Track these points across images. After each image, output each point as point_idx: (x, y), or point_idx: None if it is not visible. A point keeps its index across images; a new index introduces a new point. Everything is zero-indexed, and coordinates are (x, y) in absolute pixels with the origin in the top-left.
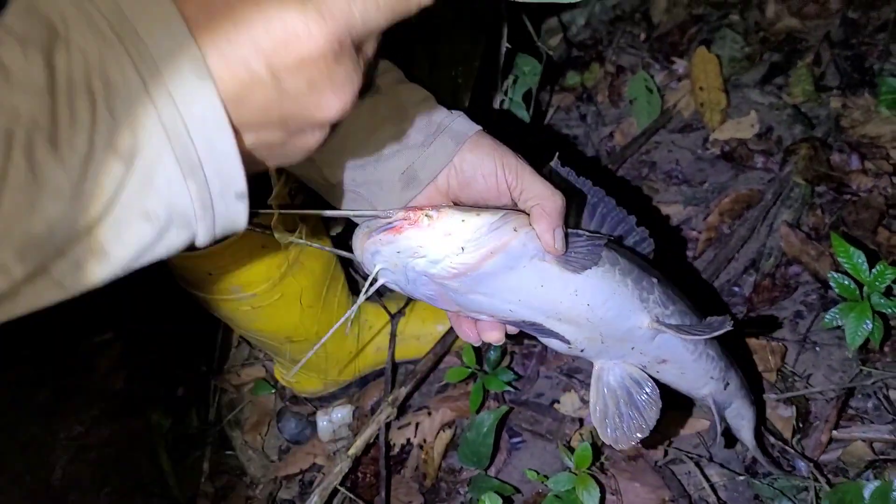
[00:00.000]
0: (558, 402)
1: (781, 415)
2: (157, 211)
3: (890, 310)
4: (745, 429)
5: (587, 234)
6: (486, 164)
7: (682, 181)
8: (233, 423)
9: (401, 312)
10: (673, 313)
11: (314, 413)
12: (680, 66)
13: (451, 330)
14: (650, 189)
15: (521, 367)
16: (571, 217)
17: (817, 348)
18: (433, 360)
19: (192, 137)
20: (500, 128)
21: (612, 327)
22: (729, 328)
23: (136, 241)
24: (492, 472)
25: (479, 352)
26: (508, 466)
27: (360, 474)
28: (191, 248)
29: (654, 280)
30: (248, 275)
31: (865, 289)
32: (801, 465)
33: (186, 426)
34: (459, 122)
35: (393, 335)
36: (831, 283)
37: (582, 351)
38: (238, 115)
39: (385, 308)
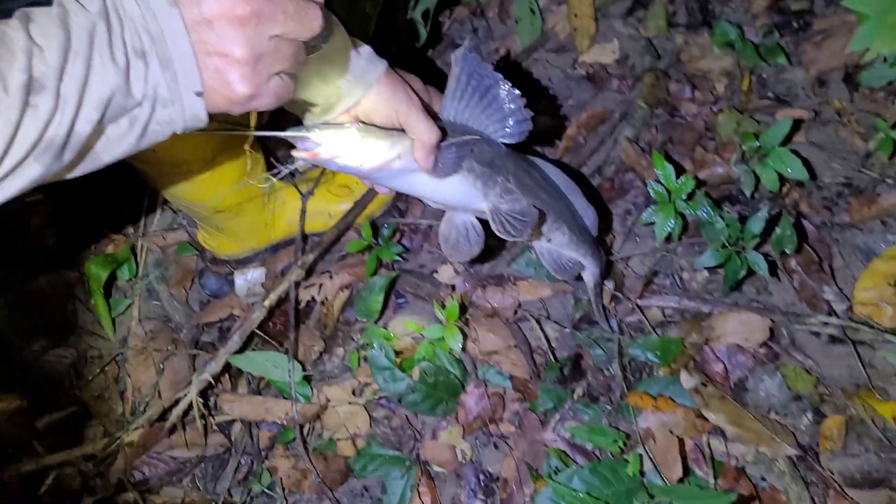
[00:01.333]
0: (437, 271)
1: (605, 286)
2: (148, 94)
3: (689, 211)
4: (586, 273)
5: (456, 147)
6: (381, 109)
7: (552, 95)
8: (159, 279)
9: (310, 192)
10: (507, 200)
11: (232, 273)
12: None
13: (353, 208)
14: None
15: (409, 241)
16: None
17: (637, 238)
18: (336, 233)
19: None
20: (405, 41)
21: (460, 206)
22: (534, 219)
23: (143, 120)
24: (380, 324)
25: (375, 227)
26: (393, 321)
27: (272, 323)
28: None
29: (499, 179)
30: (185, 153)
31: (673, 195)
32: (613, 322)
33: (119, 278)
34: (377, 60)
35: (303, 211)
36: (649, 189)
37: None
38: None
39: (297, 188)
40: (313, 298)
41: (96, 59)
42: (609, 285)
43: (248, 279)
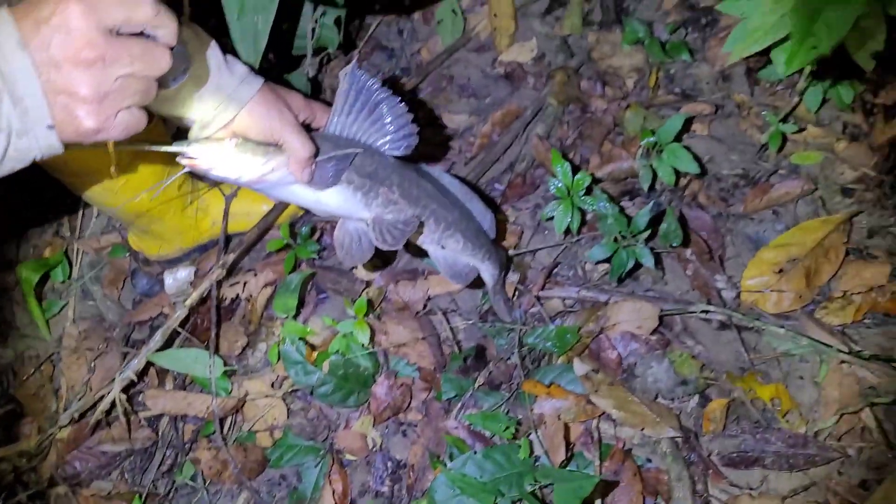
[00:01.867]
0: (356, 267)
1: (510, 279)
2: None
3: (587, 206)
4: (484, 273)
5: (335, 161)
6: (256, 125)
7: (470, 94)
8: (93, 280)
9: (234, 194)
10: (390, 211)
11: (162, 273)
12: None
13: (273, 209)
14: (446, 100)
15: (330, 238)
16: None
17: (546, 232)
18: (257, 233)
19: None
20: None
21: (347, 216)
22: (413, 228)
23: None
24: (300, 319)
25: (293, 227)
26: (313, 316)
27: (198, 321)
28: None
29: (381, 189)
30: (94, 162)
31: (571, 190)
32: (517, 313)
33: (52, 280)
34: (252, 78)
35: (226, 213)
36: (550, 186)
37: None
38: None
39: (220, 190)
40: (238, 296)
41: None
42: (514, 277)
43: (176, 278)
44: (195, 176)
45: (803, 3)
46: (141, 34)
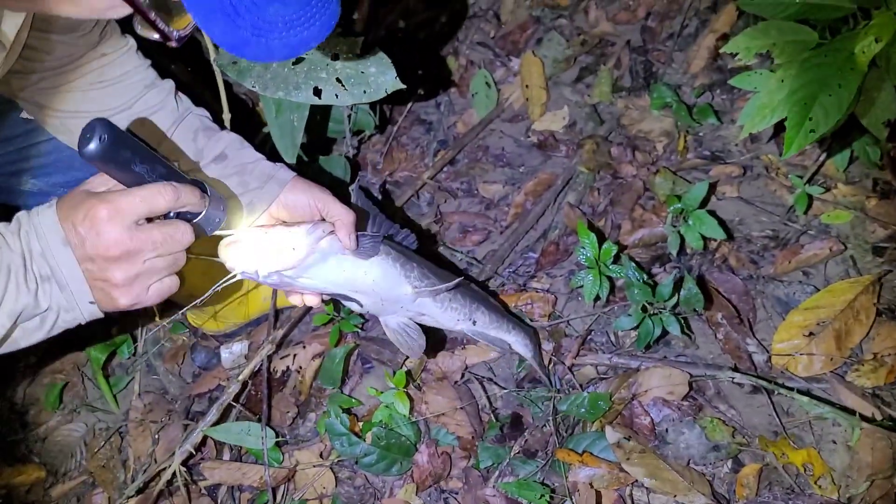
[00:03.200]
0: None
1: (545, 348)
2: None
3: (615, 274)
4: (516, 345)
5: (370, 235)
6: (300, 199)
7: (505, 164)
8: (156, 355)
9: None
10: (427, 284)
11: (219, 347)
12: (515, 63)
13: None
14: (481, 170)
15: None
16: (367, 224)
17: (579, 298)
18: (304, 308)
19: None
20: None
21: (388, 293)
22: (452, 285)
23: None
24: (346, 390)
25: (337, 302)
26: (360, 386)
27: (252, 392)
28: None
29: (415, 264)
30: None
31: (599, 260)
32: (555, 380)
33: (119, 357)
34: (282, 172)
35: (275, 289)
36: (578, 256)
37: (369, 312)
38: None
39: None
40: (288, 368)
41: (11, 285)
42: (549, 346)
43: (232, 352)
44: None
45: (799, 88)
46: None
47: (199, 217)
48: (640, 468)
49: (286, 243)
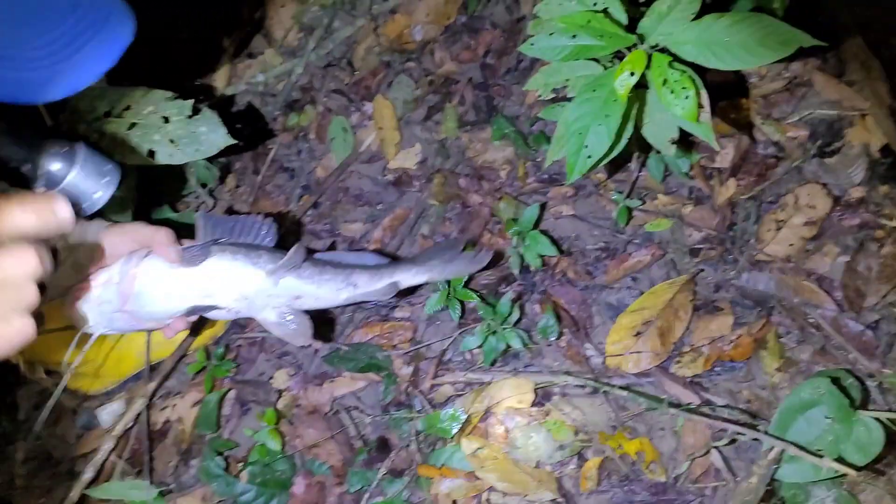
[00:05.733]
0: (273, 377)
1: (403, 371)
2: None
3: (464, 298)
4: (407, 280)
5: (196, 244)
6: (117, 242)
7: (364, 203)
8: (38, 421)
9: None
10: (281, 265)
11: (99, 406)
12: (369, 107)
13: (188, 335)
14: (343, 210)
15: (248, 352)
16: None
17: (438, 323)
18: (174, 360)
19: None
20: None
21: (244, 288)
22: (302, 251)
23: None
24: (226, 433)
25: (207, 350)
26: (238, 428)
27: (135, 447)
28: None
29: (261, 251)
30: None
31: (449, 286)
32: (416, 401)
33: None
34: (92, 227)
35: (148, 343)
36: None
37: (238, 313)
38: None
39: None
40: (168, 419)
41: None
42: (408, 370)
43: (110, 411)
44: None
45: (576, 120)
46: None
47: (65, 185)
48: (493, 474)
49: (107, 280)
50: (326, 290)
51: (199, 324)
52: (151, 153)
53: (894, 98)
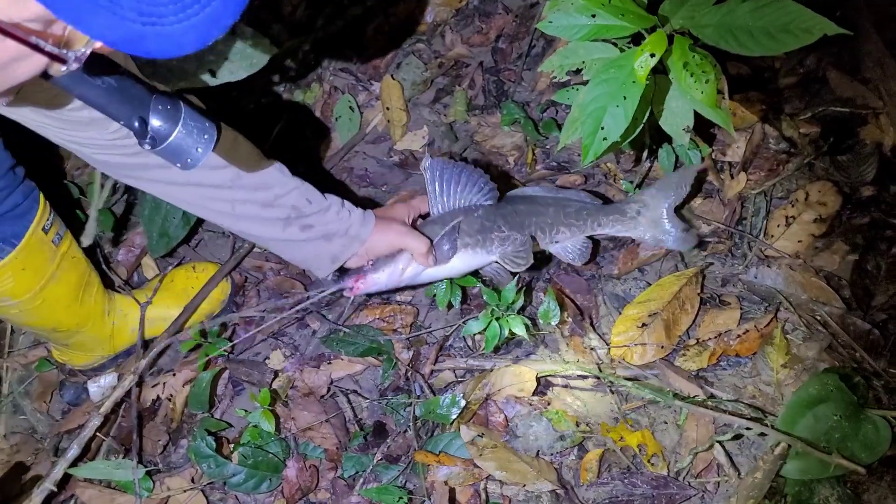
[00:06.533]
0: (269, 358)
1: (404, 356)
2: None
3: (466, 283)
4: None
5: (445, 237)
6: (378, 243)
7: (369, 184)
8: (23, 395)
9: (148, 302)
10: (510, 244)
11: (87, 381)
12: (377, 87)
13: (183, 312)
14: (347, 190)
15: (244, 331)
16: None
17: (439, 308)
18: (168, 337)
19: None
20: None
21: (481, 266)
22: (529, 246)
23: None
24: (217, 413)
25: (203, 328)
26: (230, 408)
27: (123, 424)
28: None
29: (493, 236)
30: (14, 288)
31: None
32: (415, 386)
33: None
34: (362, 231)
35: (142, 320)
36: None
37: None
38: None
39: (135, 298)
40: (159, 397)
41: None
42: (408, 355)
43: (101, 386)
44: (110, 287)
45: (592, 101)
46: None
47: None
48: (492, 462)
49: (381, 278)
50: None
51: (197, 299)
52: (212, 72)
53: None
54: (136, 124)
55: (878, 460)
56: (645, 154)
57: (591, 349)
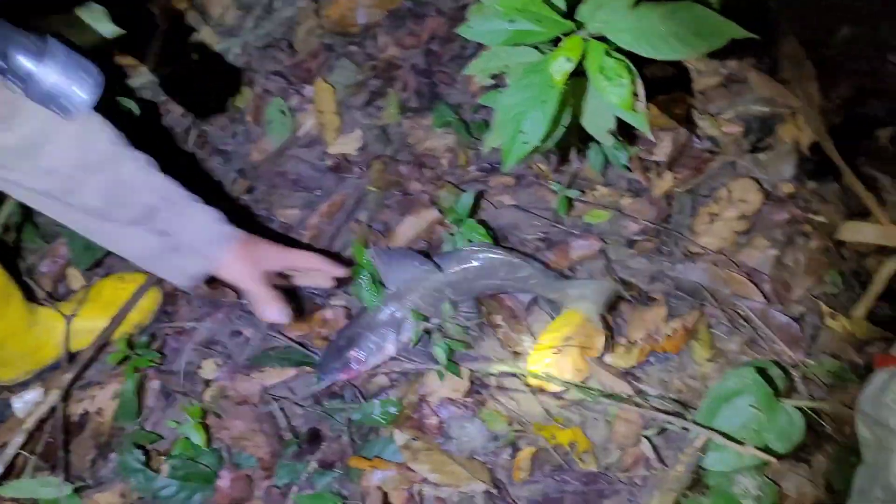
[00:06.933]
0: (201, 367)
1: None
2: None
3: None
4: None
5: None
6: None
7: (302, 188)
8: None
9: (74, 314)
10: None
11: (10, 397)
12: (309, 91)
13: (111, 323)
14: (280, 196)
15: (175, 341)
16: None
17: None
18: (94, 349)
19: None
20: None
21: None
22: None
23: None
24: (149, 425)
25: (131, 339)
26: (162, 420)
27: (50, 441)
28: None
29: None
30: None
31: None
32: (349, 392)
33: None
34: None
35: (67, 333)
36: (354, 272)
37: None
38: None
39: (60, 311)
40: (87, 410)
41: None
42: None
43: (25, 401)
44: (34, 300)
45: (514, 105)
46: None
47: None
48: (426, 465)
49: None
50: None
51: (125, 308)
52: None
53: (825, 97)
54: None
55: (793, 449)
56: (574, 154)
57: (525, 350)
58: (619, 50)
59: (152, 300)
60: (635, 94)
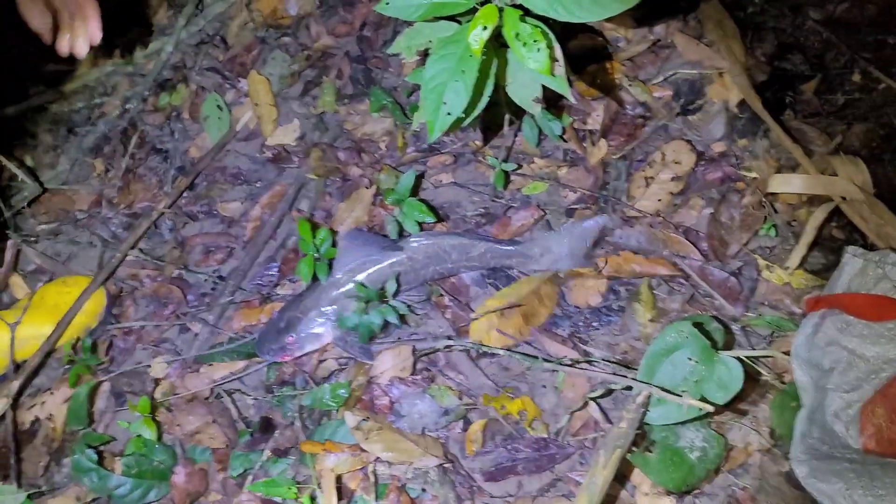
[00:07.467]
0: (150, 366)
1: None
2: None
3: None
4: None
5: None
6: None
7: (242, 181)
8: None
9: (18, 321)
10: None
11: None
12: (244, 84)
13: (56, 329)
14: (220, 190)
15: (123, 342)
16: None
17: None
18: (41, 356)
19: None
20: None
21: None
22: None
23: None
24: (101, 428)
25: (76, 344)
26: (114, 422)
27: (2, 450)
28: None
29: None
30: None
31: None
32: (299, 378)
33: None
34: None
35: (12, 340)
36: (300, 247)
37: None
38: None
39: (3, 319)
40: (37, 417)
41: None
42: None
43: None
44: None
45: (434, 77)
46: None
47: None
48: (378, 444)
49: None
50: None
51: (70, 313)
52: None
53: (749, 55)
54: None
55: (734, 399)
56: (507, 127)
57: (468, 323)
58: (534, 16)
59: (97, 302)
60: (555, 59)
